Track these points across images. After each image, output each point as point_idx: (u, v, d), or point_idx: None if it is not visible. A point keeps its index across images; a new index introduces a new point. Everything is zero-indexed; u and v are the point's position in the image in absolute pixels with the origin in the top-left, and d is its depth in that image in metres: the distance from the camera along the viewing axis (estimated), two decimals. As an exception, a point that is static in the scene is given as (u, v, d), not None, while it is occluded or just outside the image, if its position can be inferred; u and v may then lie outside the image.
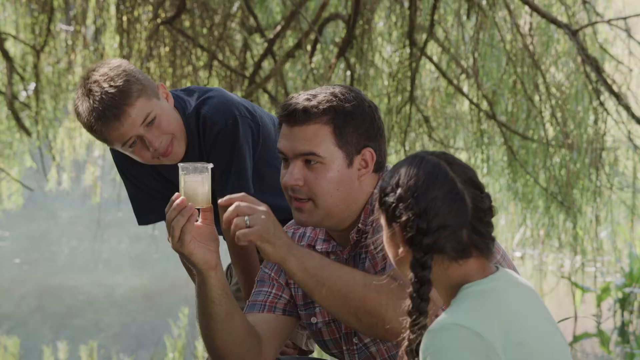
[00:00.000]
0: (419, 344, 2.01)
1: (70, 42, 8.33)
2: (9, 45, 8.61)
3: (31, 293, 12.47)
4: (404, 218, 2.04)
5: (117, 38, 7.86)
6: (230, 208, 2.42)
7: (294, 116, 2.50)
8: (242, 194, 2.46)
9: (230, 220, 2.42)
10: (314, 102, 2.50)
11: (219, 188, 2.94)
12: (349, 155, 2.51)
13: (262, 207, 2.42)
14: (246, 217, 2.40)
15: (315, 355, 3.11)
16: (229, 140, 2.92)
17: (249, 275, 2.97)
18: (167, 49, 7.60)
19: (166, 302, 11.54)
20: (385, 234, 2.11)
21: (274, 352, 2.61)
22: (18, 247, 16.83)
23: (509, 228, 11.19)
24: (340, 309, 2.45)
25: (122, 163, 3.07)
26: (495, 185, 9.06)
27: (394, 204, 2.06)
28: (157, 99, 2.86)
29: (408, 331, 2.04)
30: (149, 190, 3.09)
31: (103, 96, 2.78)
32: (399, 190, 2.06)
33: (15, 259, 15.29)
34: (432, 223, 2.03)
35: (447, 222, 2.04)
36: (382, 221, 2.12)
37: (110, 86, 2.79)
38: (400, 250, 2.07)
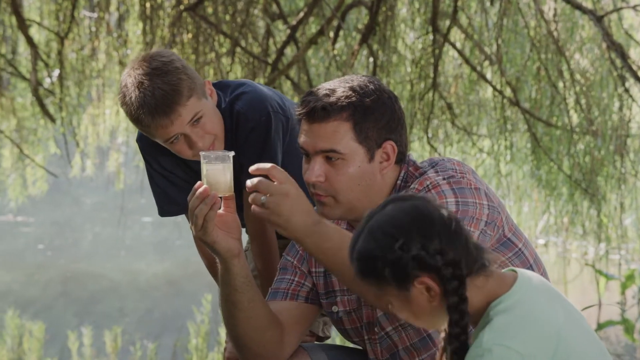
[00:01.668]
0: None
1: (93, 29, 8.34)
2: (34, 31, 8.64)
3: (55, 279, 12.55)
4: (433, 262, 2.00)
5: (140, 25, 7.87)
6: (253, 181, 2.39)
7: (313, 113, 2.48)
8: (271, 164, 2.41)
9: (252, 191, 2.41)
10: (332, 99, 2.48)
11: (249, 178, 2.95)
12: (370, 150, 2.50)
13: (284, 188, 2.38)
14: (263, 197, 2.37)
15: (337, 343, 3.11)
16: (262, 136, 2.91)
17: (266, 264, 2.98)
18: (190, 35, 7.60)
19: (189, 289, 11.59)
20: (397, 301, 2.05)
21: (296, 340, 2.62)
22: (42, 233, 16.94)
23: (532, 215, 11.15)
24: (360, 289, 2.44)
25: (149, 152, 3.05)
26: (518, 173, 9.03)
27: (414, 258, 2.00)
28: (205, 98, 2.84)
29: (447, 354, 2.04)
30: (174, 179, 3.08)
31: (156, 92, 2.74)
32: (407, 244, 2.00)
33: (39, 244, 15.40)
34: (454, 254, 2.02)
35: (461, 248, 2.04)
36: (389, 290, 2.05)
37: (164, 82, 2.74)
38: (431, 298, 2.04)
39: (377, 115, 2.50)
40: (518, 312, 2.01)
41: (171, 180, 3.07)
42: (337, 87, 2.50)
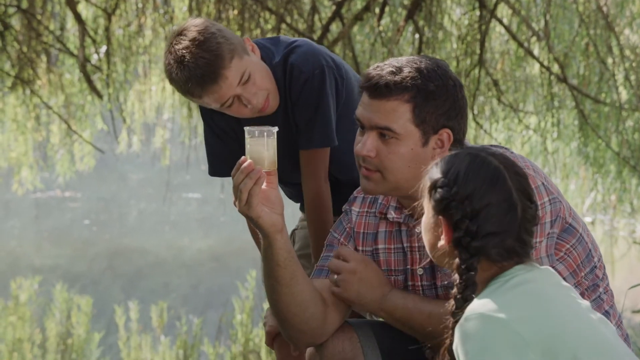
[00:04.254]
0: None
1: (140, 6, 8.38)
2: (82, 8, 8.69)
3: (102, 254, 12.70)
4: (455, 217, 2.07)
5: (187, 1, 7.89)
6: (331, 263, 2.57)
7: (375, 89, 2.47)
8: (340, 249, 2.58)
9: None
10: (397, 78, 2.46)
11: (304, 137, 2.97)
12: (425, 134, 2.48)
13: (351, 267, 2.54)
14: (335, 276, 2.55)
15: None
16: (316, 89, 2.92)
17: (321, 238, 2.98)
18: (235, 12, 7.61)
19: (234, 265, 11.67)
20: (427, 220, 2.14)
21: (339, 317, 2.61)
22: (89, 208, 17.14)
23: (579, 193, 11.06)
24: (405, 331, 2.59)
25: (206, 110, 3.07)
26: (565, 150, 8.95)
27: (446, 200, 2.08)
28: (247, 55, 2.86)
29: (450, 331, 2.06)
30: (226, 139, 3.09)
31: (199, 62, 2.77)
32: (454, 188, 2.07)
33: (85, 220, 15.58)
34: (483, 228, 2.06)
35: (496, 230, 2.07)
36: (427, 207, 2.14)
37: (204, 51, 2.78)
38: (441, 243, 2.10)
39: (438, 102, 2.47)
40: (509, 284, 2.04)
41: (223, 139, 3.09)
42: (404, 65, 2.48)
